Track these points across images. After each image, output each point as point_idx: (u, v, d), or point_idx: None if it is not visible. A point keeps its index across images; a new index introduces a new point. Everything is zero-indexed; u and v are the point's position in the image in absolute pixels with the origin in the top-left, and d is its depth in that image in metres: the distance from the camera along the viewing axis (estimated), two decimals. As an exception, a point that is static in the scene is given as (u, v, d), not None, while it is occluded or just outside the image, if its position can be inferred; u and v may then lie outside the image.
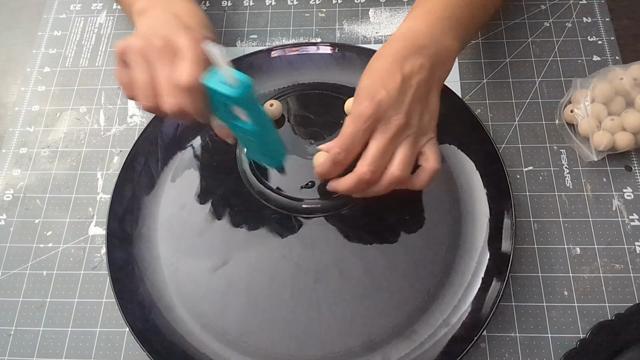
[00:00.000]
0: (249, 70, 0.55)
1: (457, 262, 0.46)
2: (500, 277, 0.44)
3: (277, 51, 0.56)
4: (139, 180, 0.51)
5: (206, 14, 0.62)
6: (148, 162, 0.51)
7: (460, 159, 0.50)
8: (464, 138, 0.51)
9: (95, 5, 0.63)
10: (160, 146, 0.52)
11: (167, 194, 0.50)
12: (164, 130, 0.53)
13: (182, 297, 0.46)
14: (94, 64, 0.60)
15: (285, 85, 0.55)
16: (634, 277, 0.46)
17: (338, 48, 0.56)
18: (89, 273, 0.49)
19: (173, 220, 0.49)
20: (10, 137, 0.56)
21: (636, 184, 0.50)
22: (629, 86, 0.50)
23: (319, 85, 0.55)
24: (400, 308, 0.44)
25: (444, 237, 0.47)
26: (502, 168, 0.48)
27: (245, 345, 0.44)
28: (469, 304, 0.44)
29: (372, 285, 0.45)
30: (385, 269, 0.46)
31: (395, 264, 0.46)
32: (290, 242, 0.47)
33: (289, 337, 0.44)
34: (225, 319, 0.45)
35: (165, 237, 0.48)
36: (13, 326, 0.47)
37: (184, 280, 0.47)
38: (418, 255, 0.46)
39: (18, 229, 0.51)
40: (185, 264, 0.47)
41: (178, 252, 0.48)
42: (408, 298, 0.45)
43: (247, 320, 0.45)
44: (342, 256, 0.46)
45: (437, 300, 0.45)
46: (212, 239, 0.48)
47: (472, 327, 0.43)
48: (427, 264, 0.46)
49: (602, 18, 0.58)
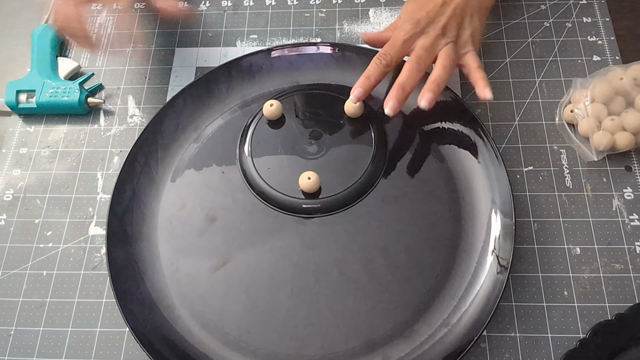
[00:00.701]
0: (249, 71, 0.55)
1: (457, 262, 0.46)
2: (500, 277, 0.44)
3: (277, 51, 0.56)
4: (139, 180, 0.51)
5: (206, 14, 0.62)
6: (148, 162, 0.51)
7: (461, 159, 0.50)
8: (463, 138, 0.51)
9: (95, 5, 0.63)
10: (160, 146, 0.52)
11: (167, 194, 0.50)
12: (164, 130, 0.53)
13: (182, 297, 0.46)
14: (94, 64, 0.59)
15: (286, 85, 0.55)
16: (634, 277, 0.46)
17: (338, 48, 0.56)
18: (89, 273, 0.49)
19: (173, 220, 0.49)
20: (10, 137, 0.56)
21: (636, 184, 0.50)
22: (629, 86, 0.50)
23: (319, 85, 0.55)
24: (400, 308, 0.44)
25: (444, 237, 0.47)
26: (502, 168, 0.48)
27: (245, 345, 0.44)
28: (469, 304, 0.44)
29: (372, 285, 0.45)
30: (385, 269, 0.46)
31: (395, 264, 0.46)
32: (290, 242, 0.47)
33: (289, 337, 0.44)
34: (225, 319, 0.45)
35: (165, 237, 0.49)
36: (13, 326, 0.47)
37: (184, 280, 0.47)
38: (418, 256, 0.46)
39: (18, 229, 0.51)
40: (185, 264, 0.47)
41: (178, 252, 0.48)
42: (408, 298, 0.45)
43: (247, 321, 0.45)
44: (342, 256, 0.46)
45: (437, 300, 0.45)
46: (212, 239, 0.48)
47: (472, 327, 0.43)
48: (426, 264, 0.46)
49: (602, 18, 0.58)
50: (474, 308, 0.44)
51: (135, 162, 0.51)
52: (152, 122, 0.53)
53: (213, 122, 0.54)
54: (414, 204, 0.48)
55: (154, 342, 0.43)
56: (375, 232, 0.47)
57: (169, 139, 0.53)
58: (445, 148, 0.50)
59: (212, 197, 0.50)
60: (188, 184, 0.51)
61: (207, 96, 0.54)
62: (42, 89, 0.55)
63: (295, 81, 0.55)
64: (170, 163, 0.52)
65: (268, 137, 0.52)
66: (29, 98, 0.56)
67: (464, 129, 0.51)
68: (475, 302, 0.44)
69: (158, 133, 0.52)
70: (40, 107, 0.55)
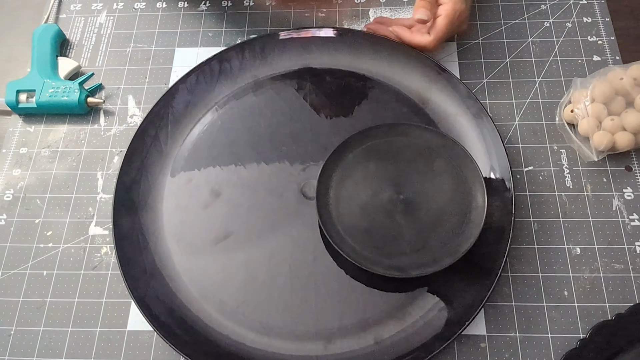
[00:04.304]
0: (260, 53, 0.57)
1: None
2: (496, 265, 0.44)
3: (288, 33, 0.57)
4: (148, 153, 0.52)
5: (206, 14, 0.62)
6: (158, 136, 0.53)
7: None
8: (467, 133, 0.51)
9: (95, 5, 0.63)
10: (170, 121, 0.54)
11: (174, 167, 0.52)
12: (174, 106, 0.54)
13: (183, 266, 0.48)
14: (94, 64, 0.60)
15: (296, 67, 0.56)
16: (634, 277, 0.46)
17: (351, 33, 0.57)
18: (89, 273, 0.49)
19: (179, 193, 0.51)
20: (10, 137, 0.56)
21: (636, 184, 0.50)
22: (629, 86, 0.50)
23: (329, 70, 0.56)
24: (396, 290, 0.46)
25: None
26: (506, 166, 0.48)
27: (242, 316, 0.46)
28: (463, 289, 0.45)
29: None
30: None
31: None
32: (292, 220, 0.49)
33: (284, 311, 0.45)
34: (223, 290, 0.47)
35: (170, 208, 0.50)
36: (13, 326, 0.47)
37: (186, 251, 0.48)
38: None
39: (18, 229, 0.51)
40: (188, 235, 0.49)
41: (182, 223, 0.50)
42: (403, 280, 0.46)
43: (245, 293, 0.46)
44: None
45: (432, 283, 0.45)
46: (216, 213, 0.50)
47: (466, 312, 0.43)
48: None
49: (602, 18, 0.58)
50: (468, 293, 0.44)
51: (145, 135, 0.52)
52: (163, 97, 0.54)
53: (223, 100, 0.55)
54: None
55: (153, 308, 0.45)
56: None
57: (180, 114, 0.54)
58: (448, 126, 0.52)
59: (218, 172, 0.52)
60: (196, 158, 0.52)
61: (219, 74, 0.56)
62: (42, 89, 0.55)
63: (306, 64, 0.56)
64: (179, 138, 0.54)
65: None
66: (29, 98, 0.56)
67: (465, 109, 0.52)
68: (470, 289, 0.44)
69: (169, 108, 0.54)
70: (40, 106, 0.55)
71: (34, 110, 0.56)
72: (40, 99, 0.55)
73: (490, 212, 0.45)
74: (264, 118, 0.54)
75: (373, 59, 0.56)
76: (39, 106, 0.55)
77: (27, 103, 0.55)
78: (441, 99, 0.53)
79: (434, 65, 0.53)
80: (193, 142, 0.53)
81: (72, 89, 0.55)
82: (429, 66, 0.54)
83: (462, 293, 0.45)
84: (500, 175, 0.48)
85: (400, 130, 0.50)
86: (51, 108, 0.56)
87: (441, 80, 0.53)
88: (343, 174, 0.48)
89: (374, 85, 0.55)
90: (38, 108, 0.55)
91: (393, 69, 0.55)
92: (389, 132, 0.49)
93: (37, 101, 0.55)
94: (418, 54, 0.54)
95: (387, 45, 0.55)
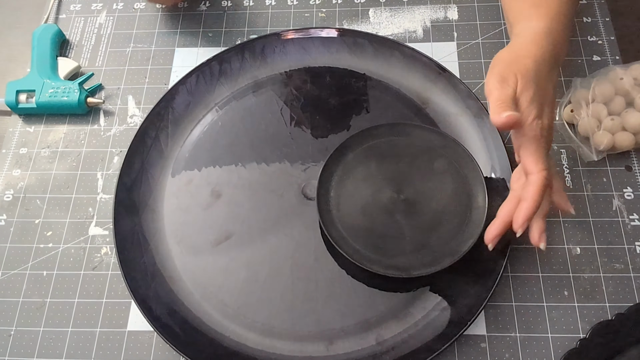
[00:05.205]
0: (261, 52, 0.57)
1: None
2: (497, 265, 0.44)
3: (289, 34, 0.57)
4: (148, 153, 0.52)
5: (206, 14, 0.62)
6: (158, 137, 0.53)
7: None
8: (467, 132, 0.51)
9: (95, 5, 0.63)
10: (170, 121, 0.54)
11: (175, 168, 0.52)
12: (175, 106, 0.54)
13: (184, 267, 0.48)
14: (94, 64, 0.59)
15: (296, 68, 0.56)
16: (634, 277, 0.46)
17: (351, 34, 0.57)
18: (89, 273, 0.49)
19: (179, 194, 0.51)
20: (10, 137, 0.56)
21: (636, 184, 0.50)
22: (629, 86, 0.50)
23: (328, 69, 0.56)
24: (397, 290, 0.46)
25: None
26: (508, 164, 0.48)
27: (243, 317, 0.45)
28: (465, 289, 0.45)
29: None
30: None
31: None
32: (292, 220, 0.49)
33: (285, 312, 0.45)
34: (225, 291, 0.47)
35: (171, 209, 0.50)
36: (13, 326, 0.47)
37: (187, 252, 0.48)
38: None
39: (18, 229, 0.51)
40: (188, 236, 0.49)
41: (183, 224, 0.50)
42: (405, 280, 0.46)
43: (246, 294, 0.46)
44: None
45: (433, 283, 0.45)
46: (217, 214, 0.50)
47: (467, 312, 0.43)
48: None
49: (602, 18, 0.58)
50: (469, 294, 0.44)
51: (145, 136, 0.52)
52: (163, 98, 0.54)
53: (224, 100, 0.55)
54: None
55: (154, 309, 0.45)
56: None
57: (180, 115, 0.54)
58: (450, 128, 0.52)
59: (218, 173, 0.52)
60: (196, 159, 0.52)
61: (219, 74, 0.56)
62: (42, 89, 0.55)
63: (306, 64, 0.56)
64: (180, 138, 0.54)
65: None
66: (28, 98, 0.56)
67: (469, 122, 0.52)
68: (471, 289, 0.44)
69: (169, 108, 0.54)
70: (40, 107, 0.55)
71: (34, 110, 0.56)
72: (40, 99, 0.55)
73: (491, 212, 0.45)
74: (264, 118, 0.54)
75: (373, 59, 0.56)
76: (38, 106, 0.55)
77: (27, 103, 0.55)
78: (441, 98, 0.53)
79: (434, 65, 0.53)
80: (193, 143, 0.53)
81: (72, 89, 0.55)
82: (429, 66, 0.54)
83: (463, 293, 0.45)
84: (501, 175, 0.48)
85: (401, 130, 0.50)
86: (51, 108, 0.55)
87: (441, 80, 0.53)
88: (344, 174, 0.48)
89: (374, 85, 0.55)
90: (38, 108, 0.55)
91: (393, 69, 0.55)
92: (390, 132, 0.49)
93: (37, 101, 0.55)
94: (418, 54, 0.54)
95: (387, 45, 0.55)
